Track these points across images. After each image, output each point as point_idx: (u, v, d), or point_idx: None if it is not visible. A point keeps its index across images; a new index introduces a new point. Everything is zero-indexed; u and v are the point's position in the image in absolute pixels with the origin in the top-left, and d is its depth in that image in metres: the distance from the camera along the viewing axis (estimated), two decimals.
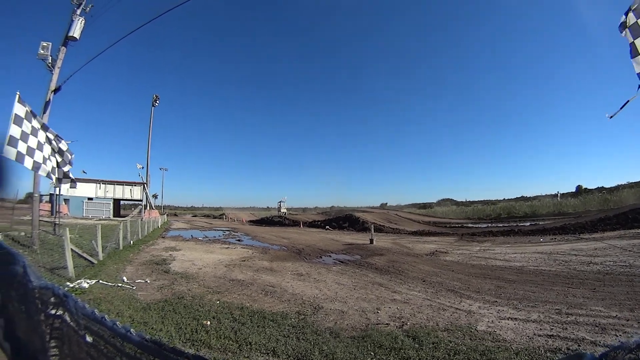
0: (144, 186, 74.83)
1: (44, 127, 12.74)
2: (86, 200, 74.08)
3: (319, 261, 19.64)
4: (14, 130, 10.93)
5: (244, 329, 8.01)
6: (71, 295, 3.18)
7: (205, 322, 8.43)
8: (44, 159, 12.49)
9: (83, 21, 18.95)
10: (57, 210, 27.71)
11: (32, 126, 11.80)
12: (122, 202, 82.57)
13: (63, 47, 19.14)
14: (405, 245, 27.91)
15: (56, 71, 18.86)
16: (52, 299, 3.66)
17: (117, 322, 2.64)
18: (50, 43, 18.65)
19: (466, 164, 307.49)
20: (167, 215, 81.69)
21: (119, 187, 76.24)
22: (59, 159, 13.77)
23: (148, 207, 73.01)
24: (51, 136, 13.03)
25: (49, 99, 18.16)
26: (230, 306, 9.88)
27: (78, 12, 19.01)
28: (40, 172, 12.61)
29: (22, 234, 22.26)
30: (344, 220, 59.04)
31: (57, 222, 24.87)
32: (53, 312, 3.80)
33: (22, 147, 11.22)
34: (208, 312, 9.23)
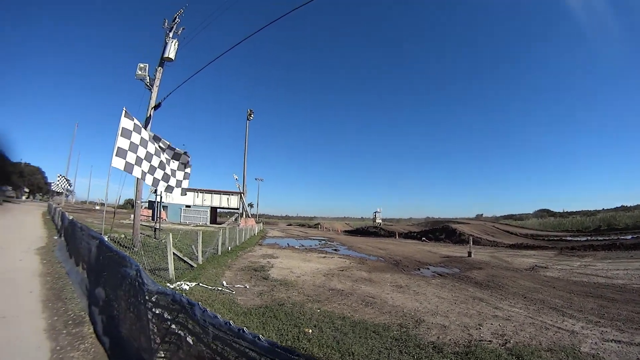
0: (240, 195, 76.43)
1: (155, 138, 13.26)
2: (184, 207, 76.92)
3: (417, 273, 19.03)
4: (122, 143, 11.44)
5: (346, 339, 7.74)
6: (197, 304, 3.09)
7: (307, 330, 8.21)
8: (152, 168, 12.93)
9: (176, 43, 19.72)
10: (158, 216, 28.76)
11: (142, 137, 12.20)
12: (218, 210, 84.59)
13: (160, 68, 20.12)
14: (503, 258, 26.95)
15: (155, 90, 19.76)
16: (172, 305, 3.67)
17: (245, 329, 2.51)
18: (147, 64, 19.74)
19: (562, 171, 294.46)
20: (262, 223, 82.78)
21: (216, 196, 78.69)
22: (173, 167, 14.18)
23: (244, 216, 74.35)
24: (164, 146, 13.56)
25: (150, 115, 19.05)
26: (332, 315, 9.66)
27: (170, 34, 19.90)
28: (147, 181, 13.12)
29: (122, 236, 23.17)
30: (440, 231, 57.69)
31: (158, 227, 25.79)
32: (169, 316, 3.78)
33: (130, 157, 11.72)
34: (309, 320, 9.11)
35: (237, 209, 77.56)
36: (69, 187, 74.08)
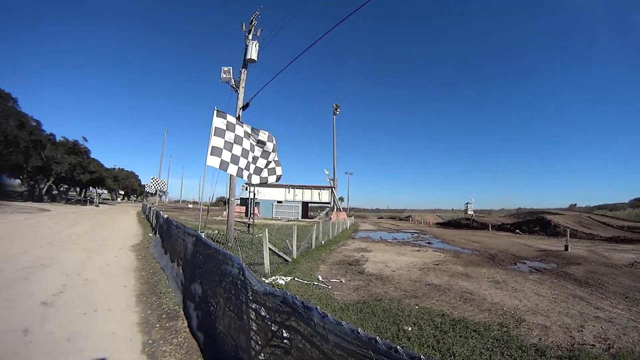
0: (331, 190, 76.92)
1: (252, 132, 13.27)
2: (276, 203, 78.34)
3: (513, 268, 18.42)
4: (216, 142, 11.65)
5: (446, 339, 7.51)
6: (315, 308, 3.01)
7: (406, 327, 8.04)
8: (248, 165, 13.07)
9: (257, 44, 20.03)
10: (252, 212, 29.35)
11: (236, 135, 12.37)
12: (309, 205, 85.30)
13: (244, 70, 20.55)
14: (601, 253, 25.61)
15: (241, 91, 20.29)
16: (282, 307, 3.66)
17: (377, 338, 2.42)
18: (231, 67, 20.42)
19: None
20: (353, 217, 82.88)
21: (307, 191, 79.66)
22: (267, 158, 14.07)
23: (335, 210, 74.72)
24: (257, 137, 13.44)
25: (239, 115, 19.46)
26: (430, 312, 9.43)
27: (250, 37, 20.26)
28: (244, 177, 13.09)
29: (216, 232, 23.77)
30: (534, 223, 55.67)
31: (252, 223, 26.28)
32: (277, 318, 3.81)
33: (226, 155, 11.92)
34: (408, 317, 8.92)
35: (328, 203, 78.23)
36: (162, 188, 77.00)
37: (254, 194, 29.00)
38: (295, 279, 12.84)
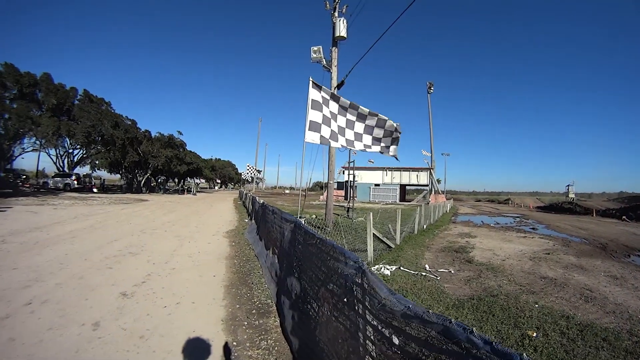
0: (430, 172, 75.97)
1: (352, 107, 12.19)
2: (373, 186, 78.11)
3: (628, 261, 16.81)
4: (314, 116, 10.82)
5: (576, 349, 6.60)
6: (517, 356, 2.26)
7: (530, 333, 7.11)
8: (357, 135, 12.31)
9: (345, 20, 19.40)
10: (351, 195, 28.80)
11: (339, 106, 11.69)
12: (407, 188, 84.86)
13: (334, 48, 20.16)
14: None
15: (334, 69, 19.89)
16: (443, 343, 2.64)
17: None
18: (320, 46, 19.77)
19: None
20: (452, 199, 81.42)
21: (405, 173, 79.27)
22: (378, 134, 12.86)
23: (434, 192, 73.63)
24: (364, 113, 12.36)
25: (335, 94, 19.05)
26: (552, 313, 8.43)
27: (336, 14, 19.74)
28: (356, 147, 12.36)
29: (314, 216, 23.41)
30: None
31: (351, 207, 25.80)
32: (424, 349, 2.86)
33: (325, 131, 11.07)
34: (529, 318, 7.95)
35: (426, 185, 77.54)
36: (258, 175, 78.40)
37: (354, 177, 28.56)
38: (401, 268, 12.07)
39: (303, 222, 7.14)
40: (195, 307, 7.79)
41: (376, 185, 79.40)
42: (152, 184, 76.52)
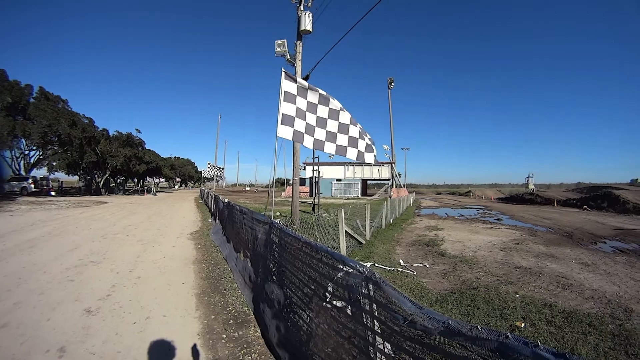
0: (391, 166, 76.40)
1: (324, 100, 11.22)
2: (334, 181, 78.11)
3: (596, 248, 17.35)
4: (287, 109, 10.09)
5: (565, 336, 6.69)
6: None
7: (518, 323, 7.17)
8: (330, 135, 11.31)
9: (310, 14, 19.08)
10: (317, 191, 28.56)
11: (308, 102, 10.76)
12: (368, 182, 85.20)
13: (299, 42, 19.76)
14: None
15: (298, 64, 19.54)
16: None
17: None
18: (285, 40, 19.41)
19: None
20: (414, 193, 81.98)
21: (366, 168, 79.50)
22: (354, 133, 11.84)
23: (395, 186, 74.07)
24: (336, 107, 11.38)
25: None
26: (534, 302, 8.51)
27: (301, 7, 19.36)
28: (326, 150, 11.26)
29: (277, 213, 23.12)
30: (601, 199, 53.47)
31: (317, 203, 25.54)
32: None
33: (299, 125, 10.32)
34: (513, 309, 7.96)
35: (388, 179, 77.91)
36: (218, 173, 77.58)
37: (319, 173, 28.37)
38: (376, 264, 11.78)
39: (278, 223, 6.74)
40: (167, 320, 7.10)
41: (338, 180, 79.42)
42: (111, 185, 74.57)
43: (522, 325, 7.13)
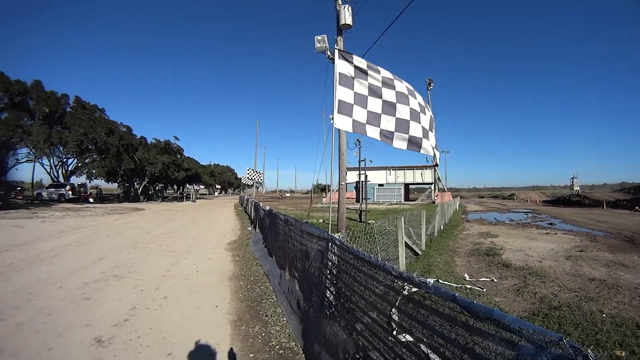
0: (434, 169, 74.72)
1: (390, 82, 9.27)
2: (377, 186, 77.01)
3: None
4: (343, 94, 8.41)
5: None
6: None
7: (618, 353, 6.21)
8: (401, 123, 9.13)
9: (350, 7, 17.92)
10: (364, 196, 27.23)
11: (370, 84, 8.90)
12: (411, 187, 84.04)
13: (340, 37, 18.40)
14: None
15: None
16: None
17: None
18: (325, 35, 17.96)
19: None
20: (459, 197, 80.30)
21: (409, 172, 78.24)
22: (425, 122, 9.67)
23: (438, 190, 72.59)
24: (405, 91, 9.39)
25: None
26: (625, 323, 7.52)
27: (339, 1, 18.12)
28: (395, 144, 9.05)
29: (321, 221, 22.02)
30: None
31: (364, 209, 24.32)
32: None
33: (359, 114, 8.61)
34: (607, 333, 6.94)
35: (431, 183, 76.45)
36: (259, 179, 76.96)
37: (366, 177, 27.09)
38: (440, 280, 10.50)
39: (339, 238, 5.26)
40: (195, 356, 5.77)
41: (380, 185, 78.24)
42: (150, 192, 74.95)
43: (622, 354, 6.20)
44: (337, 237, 5.27)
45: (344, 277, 4.65)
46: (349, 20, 17.97)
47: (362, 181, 26.73)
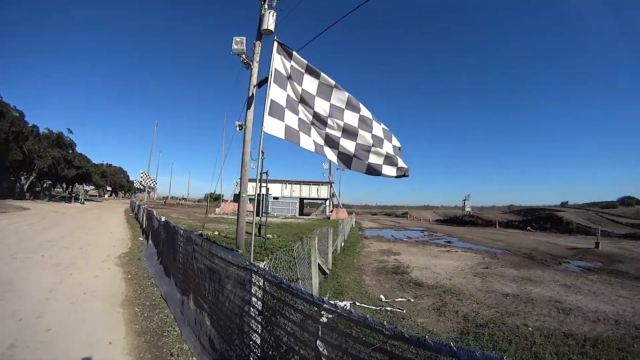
0: (331, 185, 74.86)
1: (326, 92, 8.14)
2: (272, 199, 76.36)
3: (564, 269, 17.79)
4: (276, 94, 7.17)
5: None
6: None
7: None
8: (331, 139, 8.06)
9: (274, 14, 17.19)
10: (264, 210, 25.81)
11: (304, 91, 7.77)
12: (305, 201, 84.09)
13: (258, 42, 17.37)
14: (634, 250, 26.44)
15: (255, 65, 16.86)
16: None
17: None
18: (244, 37, 17.09)
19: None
20: (354, 214, 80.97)
21: (305, 187, 77.74)
22: (376, 136, 8.46)
23: (332, 206, 72.74)
24: (341, 104, 8.20)
25: (253, 94, 16.30)
26: (552, 334, 7.96)
27: (265, 5, 17.39)
28: (329, 156, 8.13)
29: (216, 233, 20.93)
30: (544, 220, 55.56)
31: (264, 224, 22.44)
32: None
33: (291, 120, 7.48)
34: (540, 346, 7.19)
35: (326, 199, 76.39)
36: (151, 184, 74.03)
37: (267, 189, 26.10)
38: (357, 303, 9.74)
39: (268, 270, 4.07)
40: None
41: (275, 198, 77.54)
42: (37, 189, 70.24)
43: None
44: (263, 266, 4.39)
45: (276, 318, 3.66)
46: (271, 27, 16.96)
47: (264, 194, 25.66)
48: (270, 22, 16.69)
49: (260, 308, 3.95)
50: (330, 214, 65.49)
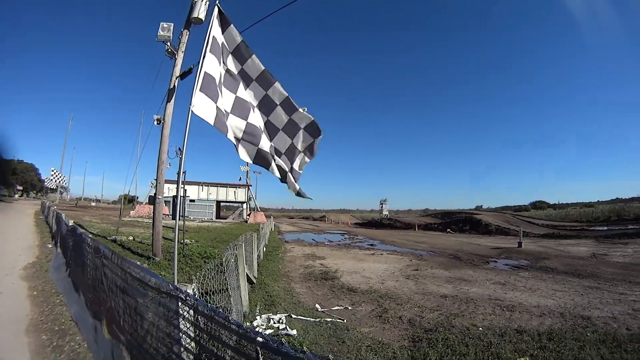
0: (248, 188, 73.58)
1: (261, 77, 7.39)
2: (188, 202, 74.15)
3: (494, 267, 18.29)
4: (211, 66, 6.36)
5: (564, 356, 6.63)
6: None
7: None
8: (248, 129, 7.19)
9: (207, 3, 15.91)
10: (182, 214, 24.19)
11: (243, 69, 7.07)
12: (221, 204, 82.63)
13: (186, 30, 15.96)
14: (555, 248, 27.51)
15: (180, 55, 15.71)
16: None
17: None
18: (172, 24, 15.72)
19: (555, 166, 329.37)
20: (272, 217, 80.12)
21: (222, 189, 75.94)
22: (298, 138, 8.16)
23: (249, 209, 71.57)
24: (276, 97, 7.63)
25: (174, 86, 15.18)
26: (505, 332, 7.91)
27: None
28: (242, 156, 7.41)
29: (131, 238, 19.53)
30: (463, 222, 57.20)
31: (183, 229, 20.70)
32: None
33: (224, 103, 6.64)
34: (498, 345, 7.07)
35: (243, 202, 75.06)
36: (63, 183, 70.45)
37: (185, 192, 24.69)
38: (292, 315, 8.61)
39: (198, 299, 3.25)
40: None
41: (191, 200, 75.15)
42: None
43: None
44: (190, 293, 3.22)
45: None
46: (201, 15, 15.60)
47: (182, 196, 24.31)
48: (201, 10, 15.27)
49: (195, 351, 3.05)
50: (248, 217, 64.71)
